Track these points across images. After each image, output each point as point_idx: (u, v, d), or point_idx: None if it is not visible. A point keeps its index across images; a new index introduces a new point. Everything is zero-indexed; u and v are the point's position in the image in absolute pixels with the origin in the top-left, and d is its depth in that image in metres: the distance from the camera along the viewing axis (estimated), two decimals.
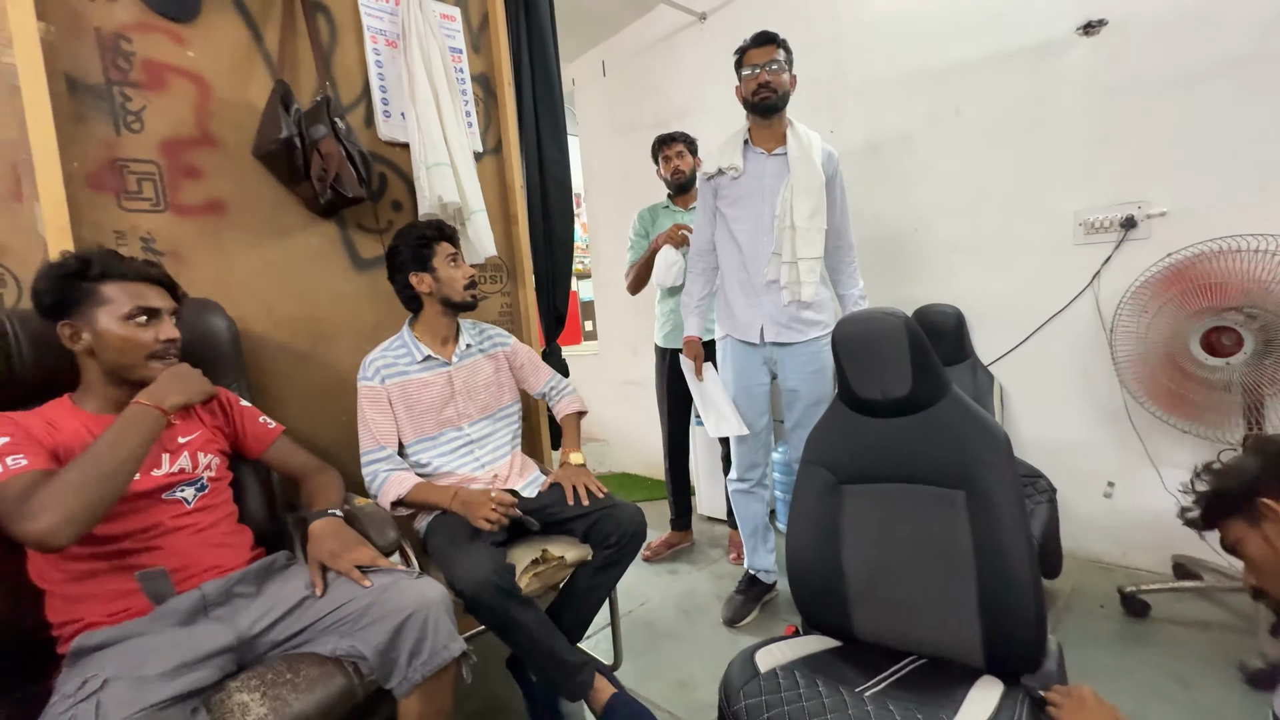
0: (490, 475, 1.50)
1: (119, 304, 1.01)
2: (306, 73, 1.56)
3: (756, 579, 1.94)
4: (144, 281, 1.06)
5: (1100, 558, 2.05)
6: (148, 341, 1.04)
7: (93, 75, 1.28)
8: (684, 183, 2.28)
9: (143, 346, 1.04)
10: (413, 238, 1.45)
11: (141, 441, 0.95)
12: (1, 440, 0.90)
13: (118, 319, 1.01)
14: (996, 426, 1.08)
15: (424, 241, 1.45)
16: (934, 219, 2.27)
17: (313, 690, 0.93)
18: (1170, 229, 1.80)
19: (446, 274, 1.47)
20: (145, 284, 1.06)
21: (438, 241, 1.47)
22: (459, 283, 1.47)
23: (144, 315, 1.04)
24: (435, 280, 1.46)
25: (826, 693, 0.94)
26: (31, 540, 0.83)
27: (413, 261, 1.45)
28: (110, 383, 1.05)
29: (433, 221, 1.51)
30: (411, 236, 1.46)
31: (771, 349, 1.78)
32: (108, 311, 1.01)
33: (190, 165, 1.40)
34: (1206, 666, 1.47)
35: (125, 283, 1.03)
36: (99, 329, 1.01)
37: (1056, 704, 0.87)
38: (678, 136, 2.27)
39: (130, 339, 1.02)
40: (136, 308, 1.03)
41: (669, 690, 1.58)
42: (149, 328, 1.04)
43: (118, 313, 1.01)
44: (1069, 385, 2.05)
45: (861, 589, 1.13)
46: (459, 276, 1.48)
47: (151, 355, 1.04)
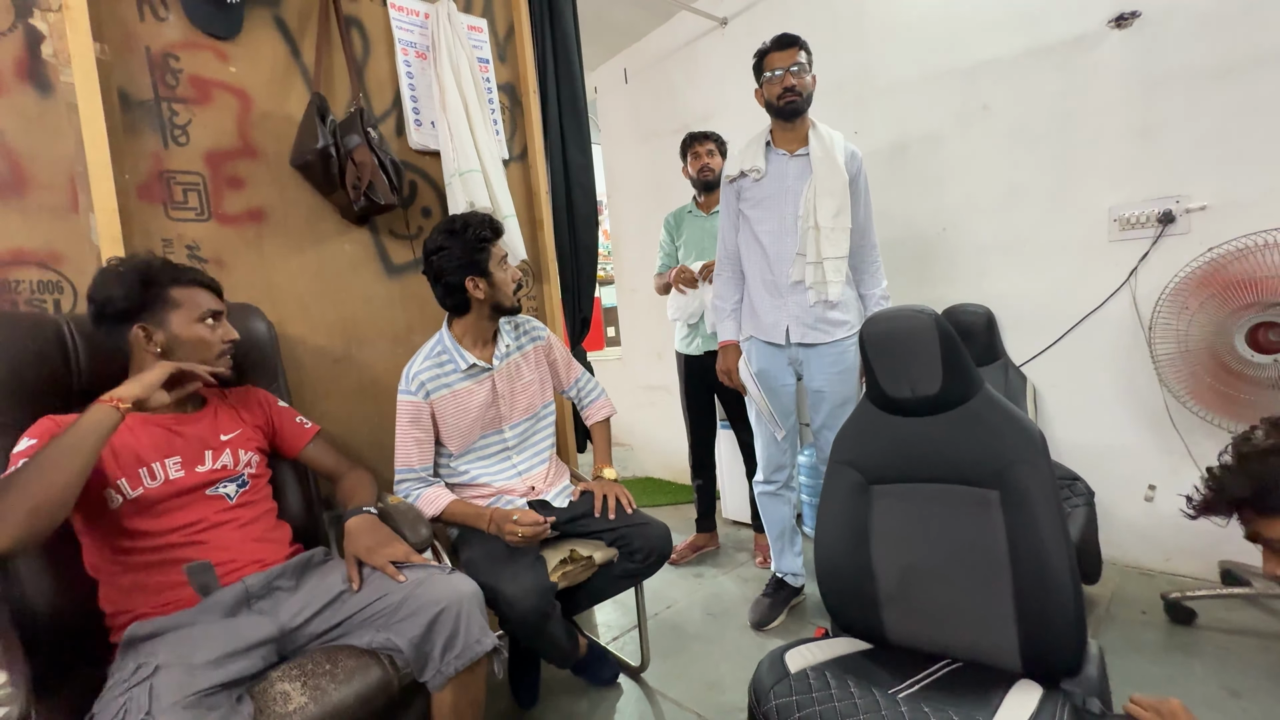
0: (527, 485, 1.50)
1: (190, 308, 1.08)
2: (341, 84, 1.62)
3: (784, 582, 1.92)
4: (202, 286, 1.13)
5: (1141, 563, 1.98)
6: (216, 342, 1.12)
7: (143, 91, 1.35)
8: (711, 181, 2.27)
9: (214, 346, 1.11)
10: (471, 239, 1.35)
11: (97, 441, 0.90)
12: (27, 443, 0.94)
13: (191, 322, 1.08)
14: (1031, 424, 1.05)
15: (482, 244, 1.36)
16: (963, 218, 2.24)
17: (351, 681, 0.96)
18: (1211, 224, 1.75)
19: (501, 278, 1.40)
20: (202, 289, 1.13)
21: (494, 242, 1.39)
22: (509, 286, 1.42)
23: (211, 317, 1.11)
24: (490, 285, 1.39)
25: (859, 694, 0.93)
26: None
27: (470, 265, 1.36)
28: (165, 385, 1.07)
29: (485, 218, 1.39)
30: (468, 237, 1.35)
31: (797, 349, 1.77)
32: (180, 315, 1.08)
33: (233, 175, 1.46)
34: (1257, 675, 1.41)
35: (190, 288, 1.10)
36: (173, 331, 1.07)
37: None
38: (710, 135, 2.26)
39: (204, 340, 1.10)
40: (208, 311, 1.10)
41: (697, 692, 1.57)
42: (216, 329, 1.12)
43: (191, 316, 1.08)
44: (1106, 386, 1.99)
45: (893, 591, 1.11)
46: (509, 280, 1.42)
47: (219, 354, 1.12)
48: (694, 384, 2.34)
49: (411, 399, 1.40)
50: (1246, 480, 0.77)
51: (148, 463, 1.04)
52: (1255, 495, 0.77)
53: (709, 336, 2.22)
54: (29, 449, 0.93)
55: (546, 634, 1.29)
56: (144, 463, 1.03)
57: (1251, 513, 0.78)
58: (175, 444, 1.08)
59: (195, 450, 1.10)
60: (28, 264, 1.22)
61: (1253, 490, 0.77)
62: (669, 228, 2.41)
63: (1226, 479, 0.80)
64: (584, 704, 1.56)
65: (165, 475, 1.05)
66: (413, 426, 1.40)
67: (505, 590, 1.20)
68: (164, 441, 1.07)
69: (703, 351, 2.26)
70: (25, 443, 0.94)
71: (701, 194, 2.33)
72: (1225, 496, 0.80)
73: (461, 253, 1.36)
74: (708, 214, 2.29)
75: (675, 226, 2.40)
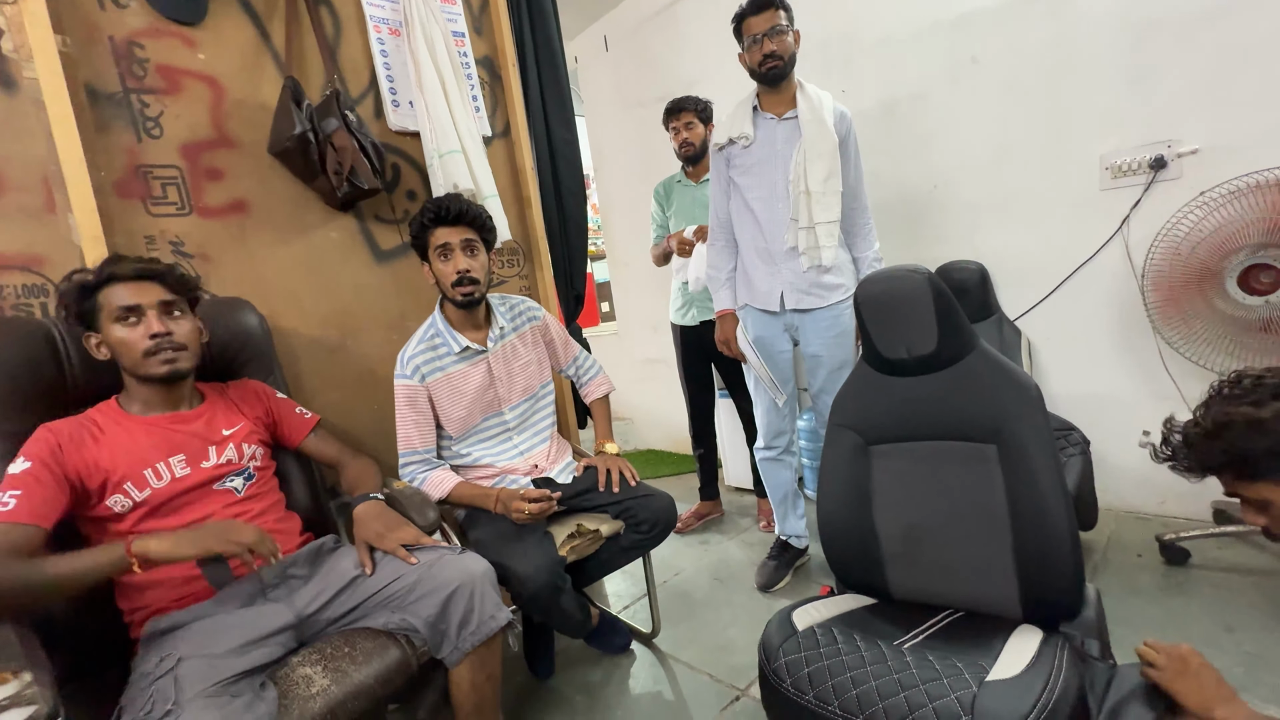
0: (530, 464, 1.51)
1: (109, 307, 1.02)
2: (314, 67, 1.58)
3: (788, 545, 1.96)
4: (137, 279, 1.04)
5: (1137, 508, 2.02)
6: (137, 340, 1.02)
7: (110, 84, 1.31)
8: (693, 155, 2.24)
9: (135, 345, 1.03)
10: (415, 226, 1.38)
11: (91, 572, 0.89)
12: (21, 466, 0.92)
13: (111, 323, 1.02)
14: (1026, 378, 1.06)
15: (421, 229, 1.38)
16: (954, 175, 2.22)
17: (370, 662, 0.98)
18: (1203, 167, 1.74)
19: (438, 269, 1.38)
20: (139, 281, 1.04)
21: (430, 231, 1.37)
22: (447, 279, 1.37)
23: (129, 314, 1.02)
24: (432, 273, 1.41)
25: (865, 646, 0.96)
26: None
27: (421, 252, 1.41)
28: (139, 384, 1.07)
29: (433, 204, 1.37)
30: (415, 223, 1.38)
31: (792, 316, 1.77)
32: (105, 317, 1.02)
33: (211, 167, 1.43)
34: (1250, 611, 1.45)
35: (117, 285, 1.02)
36: (105, 335, 1.03)
37: (1160, 665, 0.80)
38: (686, 105, 2.19)
39: (124, 340, 1.02)
40: (120, 308, 1.02)
41: (708, 655, 1.62)
42: (137, 325, 1.03)
43: (110, 316, 1.02)
44: (1099, 336, 2.00)
45: (895, 548, 1.14)
46: (448, 271, 1.36)
47: (145, 353, 1.03)
48: (691, 355, 2.35)
49: (407, 382, 1.40)
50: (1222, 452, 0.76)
51: (152, 463, 1.04)
52: (1232, 463, 0.76)
53: (704, 307, 2.21)
54: (24, 474, 0.92)
55: (559, 607, 1.32)
56: (148, 464, 1.04)
57: (1230, 476, 0.78)
58: (177, 442, 1.09)
59: (198, 447, 1.10)
60: (10, 268, 1.20)
61: (1229, 459, 0.76)
62: (659, 198, 2.38)
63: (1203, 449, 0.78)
64: (598, 672, 1.61)
65: (171, 474, 1.05)
66: (410, 409, 1.41)
67: (516, 567, 1.22)
68: (165, 441, 1.07)
69: (698, 322, 2.26)
70: (21, 464, 0.93)
71: (689, 165, 2.30)
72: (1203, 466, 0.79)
73: (414, 241, 1.41)
74: (697, 183, 2.27)
75: (665, 196, 2.37)
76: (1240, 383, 0.77)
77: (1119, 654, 1.04)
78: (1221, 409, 0.76)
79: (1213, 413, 0.77)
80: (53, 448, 0.96)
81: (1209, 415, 0.77)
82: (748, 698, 1.43)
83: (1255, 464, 0.73)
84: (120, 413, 1.07)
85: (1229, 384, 0.79)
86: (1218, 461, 0.77)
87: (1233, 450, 0.74)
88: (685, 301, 2.30)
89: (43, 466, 0.94)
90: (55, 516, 0.93)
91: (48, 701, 0.70)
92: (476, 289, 1.39)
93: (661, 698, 1.49)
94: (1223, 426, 0.74)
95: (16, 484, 0.91)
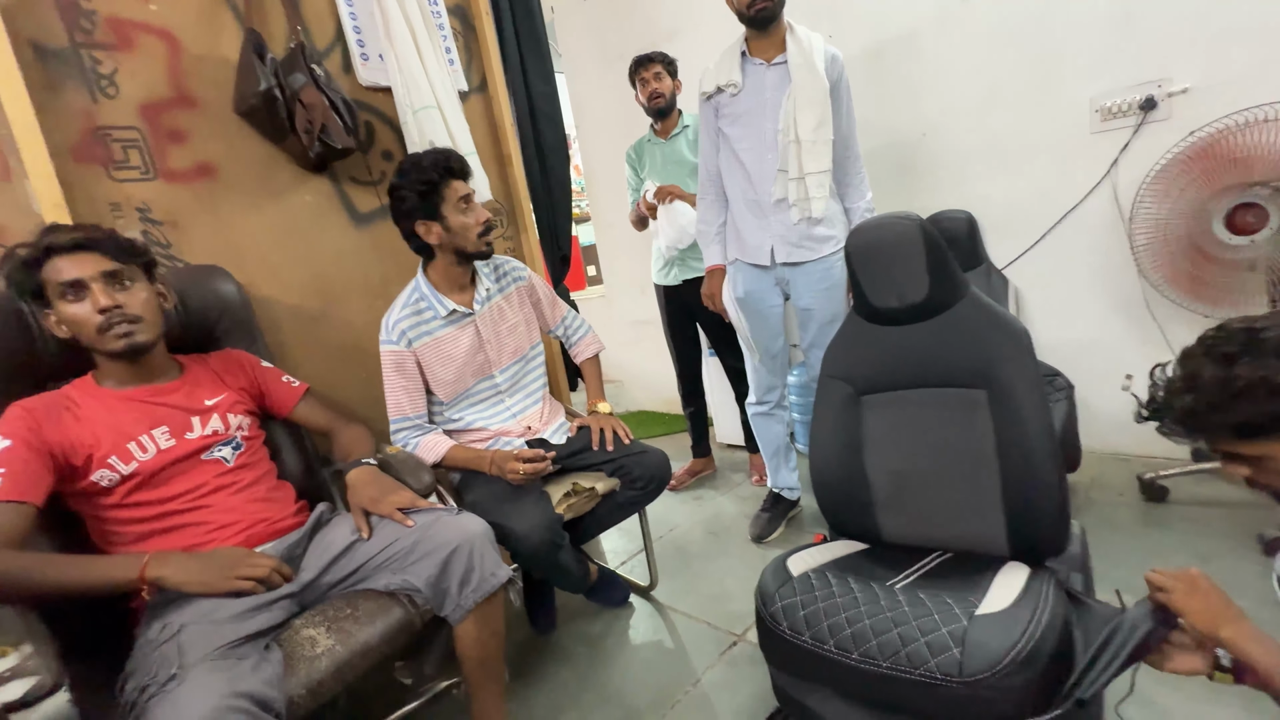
0: (523, 426, 1.51)
1: (52, 285, 0.95)
2: (276, 18, 1.49)
3: (781, 496, 2.00)
4: (76, 250, 0.96)
5: (1119, 450, 2.07)
6: (86, 316, 0.96)
7: (57, 38, 1.23)
8: (663, 107, 2.15)
9: (86, 323, 0.96)
10: (417, 180, 1.29)
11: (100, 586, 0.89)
12: (2, 444, 0.89)
13: (59, 301, 0.96)
14: (1016, 322, 1.07)
15: (430, 186, 1.29)
16: (943, 122, 2.18)
17: (374, 622, 0.99)
18: (1193, 106, 1.72)
19: (458, 221, 1.32)
20: (77, 253, 0.96)
21: (446, 183, 1.30)
22: (472, 230, 1.33)
23: (69, 290, 0.95)
24: (445, 230, 1.33)
25: (859, 588, 0.98)
26: None
27: (420, 209, 1.30)
28: (107, 360, 1.03)
29: (440, 157, 1.32)
30: (415, 179, 1.29)
31: (783, 270, 1.75)
32: (52, 294, 0.95)
33: (173, 128, 1.36)
34: (1226, 541, 1.51)
35: (57, 258, 0.95)
36: (58, 314, 0.97)
37: (1167, 588, 0.77)
38: (655, 57, 2.11)
39: (74, 318, 0.96)
40: (59, 284, 0.94)
41: (705, 604, 1.66)
42: (83, 302, 0.96)
43: (56, 295, 0.95)
44: (1086, 282, 2.01)
45: (887, 494, 1.16)
46: (472, 223, 1.33)
47: (99, 329, 0.97)
48: (675, 314, 2.33)
49: (394, 348, 1.38)
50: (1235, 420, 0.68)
51: (135, 436, 1.02)
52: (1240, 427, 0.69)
53: (685, 266, 2.19)
54: (5, 451, 0.90)
55: (558, 564, 1.34)
56: (131, 437, 1.02)
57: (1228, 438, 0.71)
58: (159, 415, 1.06)
59: (180, 419, 1.08)
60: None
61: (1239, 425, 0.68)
62: (631, 161, 2.33)
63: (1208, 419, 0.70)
64: (599, 625, 1.65)
65: (156, 446, 1.04)
66: (398, 375, 1.39)
67: (514, 527, 1.23)
68: (146, 415, 1.05)
69: (680, 281, 2.24)
70: (1, 442, 0.91)
71: (657, 120, 2.22)
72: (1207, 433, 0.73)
73: (411, 195, 1.30)
74: (666, 139, 2.21)
75: (637, 158, 2.32)
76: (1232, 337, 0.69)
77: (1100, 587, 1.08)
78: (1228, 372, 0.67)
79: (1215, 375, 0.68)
80: (30, 424, 0.94)
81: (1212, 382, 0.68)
82: (745, 642, 1.47)
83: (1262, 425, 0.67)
84: (97, 388, 1.05)
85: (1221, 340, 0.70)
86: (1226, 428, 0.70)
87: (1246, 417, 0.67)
88: (666, 262, 2.27)
89: (24, 444, 0.92)
90: (45, 493, 0.92)
91: (51, 672, 0.71)
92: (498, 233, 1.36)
93: (662, 646, 1.54)
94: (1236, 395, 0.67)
95: (0, 462, 0.89)
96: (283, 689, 0.86)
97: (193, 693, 0.77)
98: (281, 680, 0.87)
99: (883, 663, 0.86)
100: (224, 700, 0.76)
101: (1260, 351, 0.66)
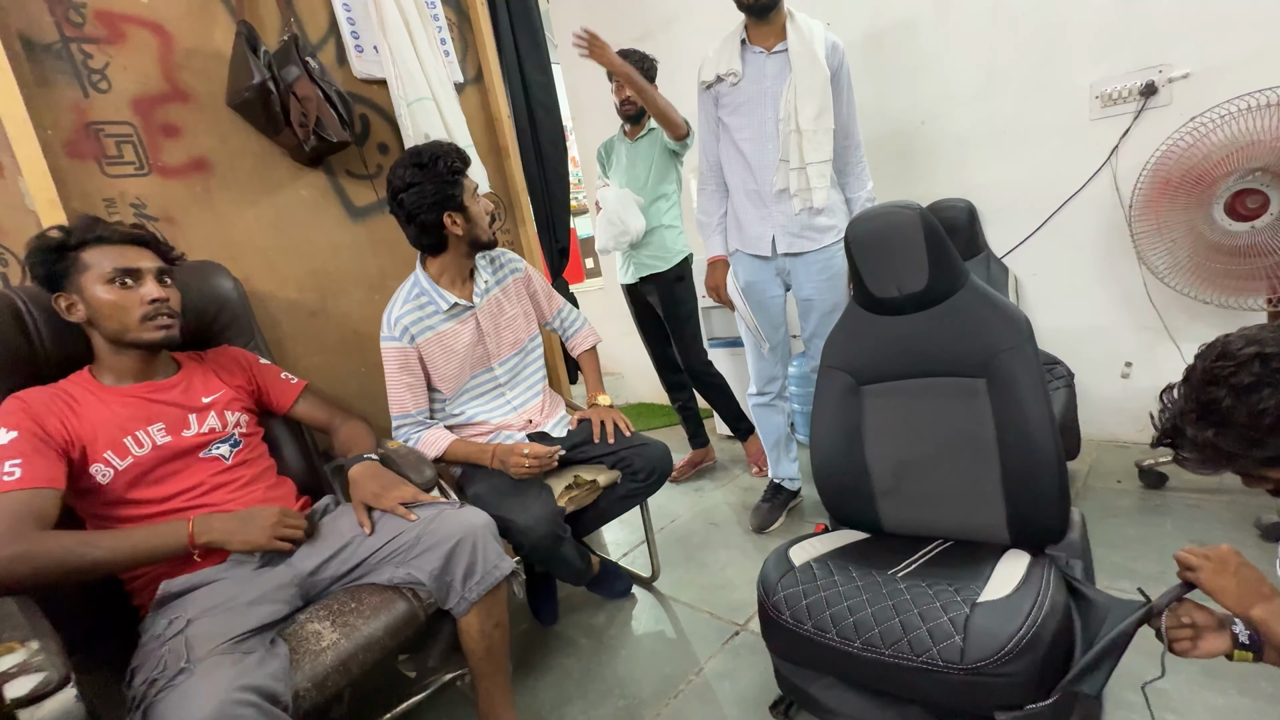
0: (524, 419, 1.51)
1: (100, 268, 1.00)
2: (268, 10, 1.47)
3: (781, 487, 2.00)
4: (128, 244, 1.03)
5: (1118, 437, 2.08)
6: (134, 303, 1.01)
7: (47, 33, 1.21)
8: (633, 115, 2.10)
9: (131, 309, 1.01)
10: (444, 172, 1.29)
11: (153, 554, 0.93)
12: (7, 436, 0.90)
13: (102, 283, 1.00)
14: (1016, 311, 1.07)
15: (455, 177, 1.30)
16: (942, 110, 2.16)
17: (378, 615, 1.00)
18: (1194, 92, 1.71)
19: (476, 211, 1.34)
20: (130, 246, 1.04)
21: (465, 174, 1.33)
22: (485, 220, 1.37)
23: (126, 277, 1.01)
24: (468, 220, 1.33)
25: (860, 576, 0.99)
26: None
27: (446, 200, 1.30)
28: (116, 351, 1.05)
29: (452, 148, 1.32)
30: (440, 170, 1.28)
31: (784, 260, 1.74)
32: (91, 278, 0.99)
33: (167, 123, 1.35)
34: (1224, 527, 1.52)
35: (106, 246, 1.01)
36: (88, 297, 1.00)
37: (1195, 566, 0.76)
38: (630, 57, 1.95)
39: (118, 303, 1.01)
40: (115, 269, 1.00)
41: (708, 594, 1.67)
42: (134, 289, 1.02)
43: (101, 277, 1.00)
44: (1086, 270, 2.01)
45: (887, 484, 1.16)
46: (484, 213, 1.36)
47: (143, 317, 1.02)
48: (641, 312, 2.32)
49: (396, 344, 1.37)
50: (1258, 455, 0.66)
51: (131, 432, 1.02)
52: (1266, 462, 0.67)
53: (639, 263, 2.18)
54: (15, 441, 0.90)
55: (560, 556, 1.34)
56: (127, 432, 1.02)
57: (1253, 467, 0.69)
58: (154, 411, 1.06)
59: (177, 415, 1.08)
60: None
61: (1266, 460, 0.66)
62: (600, 159, 2.31)
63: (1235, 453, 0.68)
64: (602, 616, 1.66)
65: (152, 442, 1.03)
66: (402, 372, 1.38)
67: (517, 520, 1.24)
68: (142, 411, 1.05)
69: (636, 279, 2.22)
70: (6, 434, 0.91)
71: (627, 123, 2.18)
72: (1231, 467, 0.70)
73: (435, 188, 1.29)
74: (634, 140, 2.17)
75: (606, 157, 2.29)
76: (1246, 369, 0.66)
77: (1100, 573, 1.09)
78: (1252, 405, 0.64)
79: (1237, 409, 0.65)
80: (31, 415, 0.94)
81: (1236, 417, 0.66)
82: (747, 632, 1.48)
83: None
84: (94, 383, 1.05)
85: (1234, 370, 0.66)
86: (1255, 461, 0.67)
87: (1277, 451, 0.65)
88: (623, 260, 2.25)
89: (30, 433, 0.92)
90: (63, 478, 0.93)
91: (57, 668, 0.70)
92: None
93: (664, 636, 1.54)
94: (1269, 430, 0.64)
95: (12, 453, 0.89)
96: (289, 682, 0.86)
97: (201, 686, 0.77)
98: (288, 674, 0.87)
99: (885, 650, 0.86)
100: (232, 693, 0.76)
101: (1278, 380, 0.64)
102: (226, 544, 0.97)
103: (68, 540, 0.87)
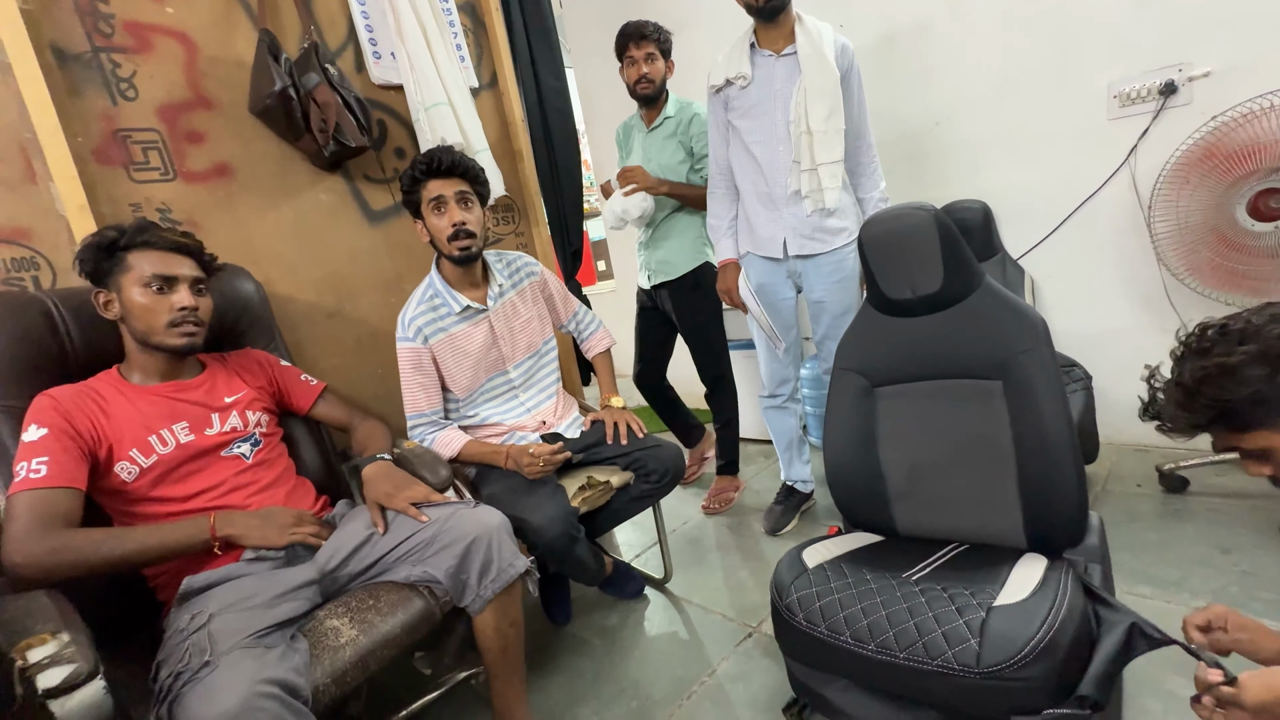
0: (538, 421, 1.52)
1: (139, 271, 1.03)
2: (289, 19, 1.50)
3: (794, 489, 2.00)
4: (172, 251, 1.07)
5: (1138, 441, 2.05)
6: (164, 309, 1.05)
7: (78, 44, 1.25)
8: (650, 94, 1.92)
9: (159, 314, 1.04)
10: (406, 180, 1.33)
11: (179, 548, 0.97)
12: (38, 433, 0.93)
13: (138, 287, 1.03)
14: (1032, 312, 1.06)
15: (412, 184, 1.32)
16: (957, 111, 2.15)
17: (395, 613, 1.01)
18: (1214, 91, 1.68)
19: (431, 223, 1.33)
20: (173, 253, 1.07)
21: (424, 182, 1.31)
22: (443, 233, 1.32)
23: (160, 283, 1.04)
24: (426, 229, 1.36)
25: (874, 579, 0.98)
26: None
27: (412, 206, 1.36)
28: (143, 351, 1.08)
29: (426, 154, 1.33)
30: (405, 179, 1.33)
31: (795, 262, 1.74)
32: (130, 279, 1.03)
33: (191, 130, 1.38)
34: (1247, 532, 1.49)
35: (151, 251, 1.05)
36: (124, 297, 1.03)
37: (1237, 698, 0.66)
38: (649, 32, 1.86)
39: (148, 306, 1.04)
40: (154, 275, 1.04)
41: (721, 595, 1.67)
42: (166, 295, 1.05)
43: (139, 280, 1.03)
44: (1104, 271, 1.98)
45: (902, 487, 1.15)
46: (444, 225, 1.31)
47: (169, 323, 1.05)
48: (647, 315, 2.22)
49: (410, 345, 1.39)
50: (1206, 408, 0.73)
51: (156, 430, 1.05)
52: (1220, 417, 0.73)
53: (652, 270, 2.11)
54: (44, 439, 0.93)
55: (574, 556, 1.35)
56: (152, 430, 1.04)
57: (1221, 430, 0.75)
58: (178, 410, 1.09)
59: (200, 415, 1.11)
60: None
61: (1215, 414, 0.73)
62: (619, 142, 2.19)
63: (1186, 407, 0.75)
64: (615, 616, 1.66)
65: (176, 440, 1.06)
66: (416, 373, 1.40)
67: (531, 519, 1.25)
68: (167, 409, 1.08)
69: (650, 285, 2.15)
70: (36, 431, 0.94)
71: (642, 106, 2.01)
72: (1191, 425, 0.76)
73: (405, 197, 1.36)
74: (650, 126, 2.03)
75: (624, 141, 2.17)
76: (1205, 334, 0.75)
77: (1119, 579, 1.07)
78: (1195, 364, 0.73)
79: (1187, 370, 0.74)
80: (62, 412, 0.97)
81: (1184, 373, 0.75)
82: (760, 634, 1.48)
83: (1243, 414, 0.71)
84: (122, 381, 1.08)
85: (1195, 337, 0.77)
86: (1205, 418, 0.74)
87: (1216, 404, 0.71)
88: (641, 262, 2.17)
89: (59, 430, 0.95)
90: (85, 479, 0.95)
91: (88, 660, 0.72)
92: (474, 243, 1.35)
93: (677, 637, 1.55)
94: (1200, 382, 0.72)
95: (41, 450, 0.92)
96: (309, 677, 0.88)
97: (225, 679, 0.79)
98: (308, 669, 0.89)
99: (900, 654, 0.86)
100: (255, 686, 0.78)
101: (1228, 342, 0.71)
102: (245, 539, 1.01)
103: (98, 535, 0.91)
